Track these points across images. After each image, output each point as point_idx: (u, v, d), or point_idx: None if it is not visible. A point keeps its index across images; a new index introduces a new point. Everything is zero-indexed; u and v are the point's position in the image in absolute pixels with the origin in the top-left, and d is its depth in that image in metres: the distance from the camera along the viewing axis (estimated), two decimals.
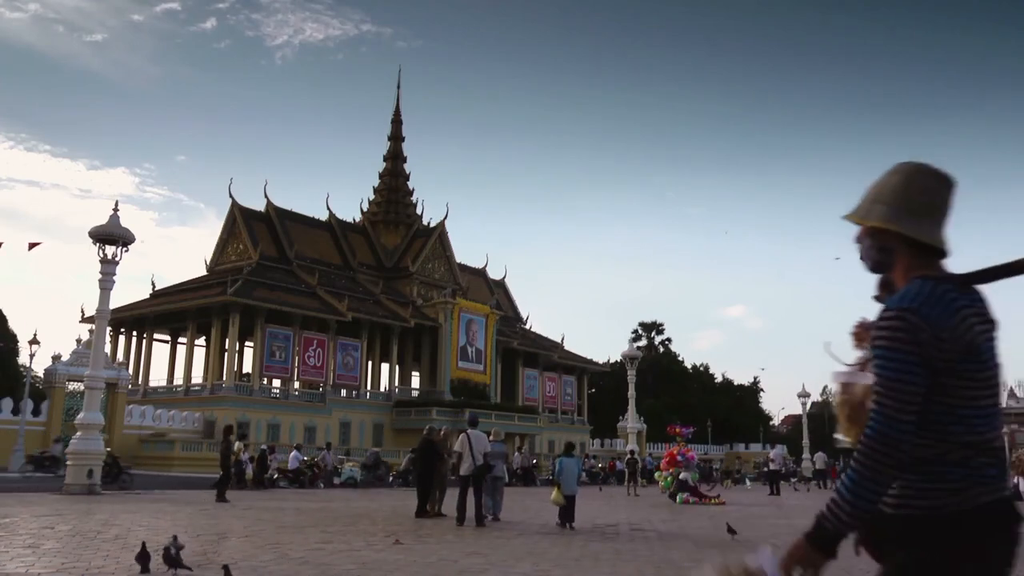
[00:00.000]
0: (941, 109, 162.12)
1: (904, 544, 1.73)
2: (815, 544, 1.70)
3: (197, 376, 47.86)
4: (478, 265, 66.91)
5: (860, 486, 1.67)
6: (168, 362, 51.08)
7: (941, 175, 1.92)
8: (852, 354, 1.95)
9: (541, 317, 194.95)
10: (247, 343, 50.37)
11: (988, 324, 1.83)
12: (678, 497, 20.60)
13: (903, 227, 1.85)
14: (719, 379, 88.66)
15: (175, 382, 49.10)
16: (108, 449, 23.99)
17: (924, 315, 1.70)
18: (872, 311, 1.86)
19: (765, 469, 34.14)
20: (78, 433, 17.77)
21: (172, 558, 6.47)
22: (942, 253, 1.88)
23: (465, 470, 12.46)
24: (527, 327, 67.28)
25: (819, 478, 35.87)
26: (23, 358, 39.12)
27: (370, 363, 52.36)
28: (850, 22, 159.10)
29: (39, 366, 36.64)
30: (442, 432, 15.65)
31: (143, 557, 6.63)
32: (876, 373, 1.72)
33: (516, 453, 35.59)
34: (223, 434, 18.68)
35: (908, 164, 1.93)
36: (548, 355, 62.23)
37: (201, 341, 49.18)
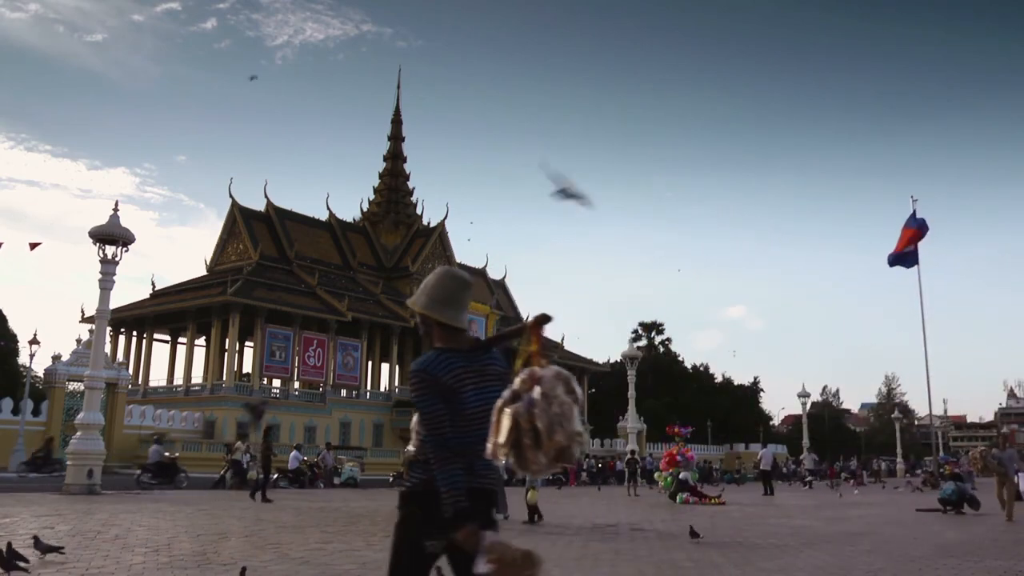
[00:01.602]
0: (941, 109, 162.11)
1: (412, 505, 2.80)
2: (465, 525, 2.58)
3: (197, 376, 47.88)
4: (478, 265, 66.94)
5: (443, 478, 2.63)
6: (168, 362, 51.15)
7: (461, 279, 2.88)
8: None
9: None
10: (247, 343, 50.39)
11: (481, 377, 2.78)
12: (678, 497, 20.60)
13: (431, 312, 2.81)
14: (719, 379, 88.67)
15: (175, 382, 49.12)
16: (166, 447, 23.87)
17: (435, 370, 2.71)
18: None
19: (756, 471, 34.38)
20: (78, 433, 17.76)
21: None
22: (461, 330, 2.82)
23: None
24: None
25: (810, 478, 35.77)
26: (23, 358, 39.08)
27: (370, 363, 52.38)
28: (850, 22, 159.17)
29: (39, 366, 36.65)
30: None
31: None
32: (419, 413, 2.71)
33: None
34: (263, 435, 18.84)
35: (443, 269, 2.91)
36: (548, 355, 62.15)
37: (201, 341, 49.20)
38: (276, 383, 48.03)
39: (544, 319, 2.74)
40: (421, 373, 2.71)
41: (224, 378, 44.88)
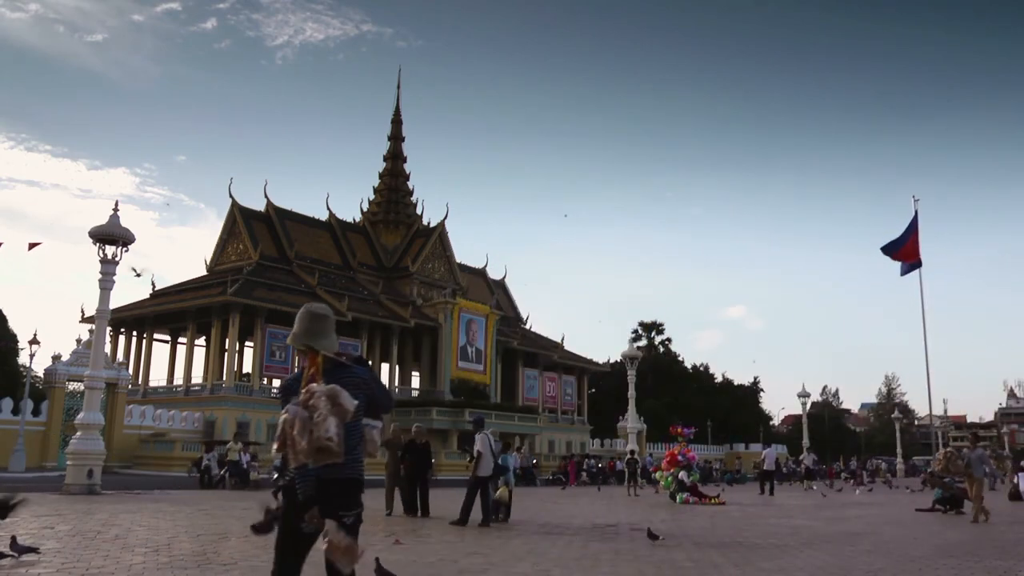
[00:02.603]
0: (941, 109, 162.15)
1: (289, 496, 3.66)
2: (309, 509, 3.57)
3: (197, 376, 47.86)
4: (478, 265, 66.92)
5: (294, 471, 3.66)
6: (168, 362, 51.11)
7: (314, 314, 3.70)
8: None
9: (541, 317, 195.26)
10: (247, 343, 50.36)
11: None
12: (678, 497, 20.59)
13: (294, 343, 3.69)
14: (719, 379, 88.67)
15: (175, 382, 49.08)
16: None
17: (288, 384, 3.71)
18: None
19: (756, 471, 34.34)
20: (78, 433, 17.75)
21: None
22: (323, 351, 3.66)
23: (485, 471, 12.45)
24: (527, 327, 67.26)
25: (808, 478, 35.77)
26: (23, 358, 39.04)
27: (370, 363, 52.19)
28: (849, 22, 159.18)
29: (39, 366, 36.63)
30: (391, 428, 15.74)
31: None
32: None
33: (514, 453, 35.51)
34: None
35: (304, 307, 3.76)
36: (548, 355, 62.20)
37: (201, 341, 49.17)
38: (276, 383, 47.99)
39: (315, 351, 3.56)
40: (281, 387, 3.92)
41: (224, 378, 44.85)
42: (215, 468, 24.67)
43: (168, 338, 51.44)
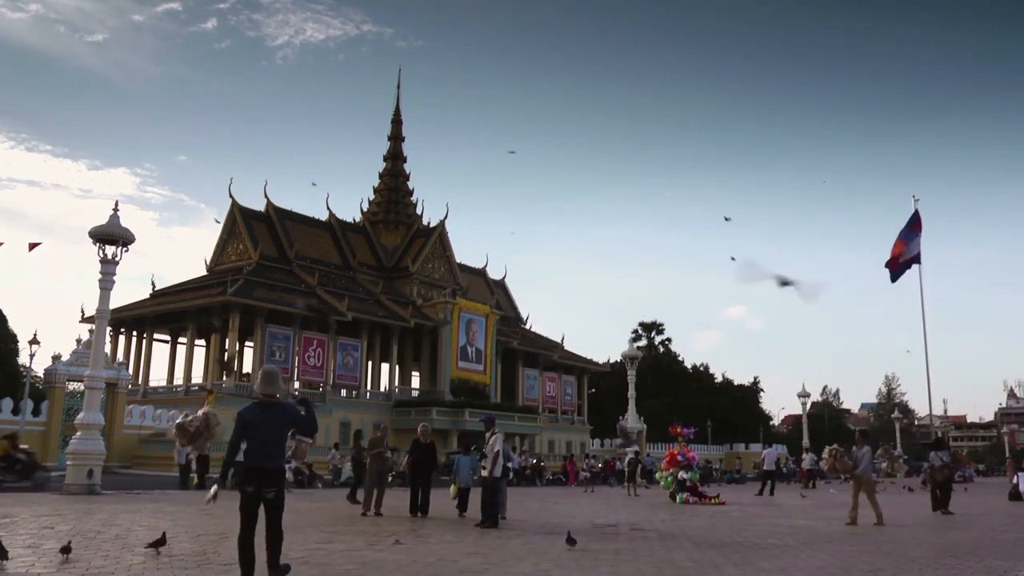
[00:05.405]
0: (941, 109, 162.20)
1: (241, 474, 6.32)
2: (223, 475, 6.48)
3: (197, 376, 47.84)
4: (478, 265, 66.89)
5: (225, 457, 6.41)
6: (168, 362, 51.07)
7: (266, 373, 6.53)
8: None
9: (541, 317, 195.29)
10: (247, 343, 50.35)
11: (267, 415, 6.32)
12: (678, 497, 20.59)
13: (256, 391, 6.62)
14: (719, 379, 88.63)
15: (175, 382, 49.06)
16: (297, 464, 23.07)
17: (242, 414, 6.37)
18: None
19: (756, 471, 34.38)
20: (78, 433, 17.73)
21: None
22: (265, 394, 6.42)
23: (500, 471, 12.40)
24: (527, 327, 67.23)
25: (809, 478, 35.72)
26: (23, 358, 39.02)
27: (370, 363, 52.34)
28: (849, 22, 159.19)
29: (39, 366, 36.59)
30: (381, 428, 15.70)
31: None
32: (233, 432, 6.40)
33: (513, 453, 35.52)
34: (354, 439, 18.71)
35: (263, 368, 6.75)
36: (548, 355, 62.17)
37: (201, 341, 49.15)
38: None
39: (210, 392, 7.44)
40: (237, 415, 6.27)
41: (224, 378, 44.83)
42: (194, 465, 24.10)
43: (168, 338, 51.42)
